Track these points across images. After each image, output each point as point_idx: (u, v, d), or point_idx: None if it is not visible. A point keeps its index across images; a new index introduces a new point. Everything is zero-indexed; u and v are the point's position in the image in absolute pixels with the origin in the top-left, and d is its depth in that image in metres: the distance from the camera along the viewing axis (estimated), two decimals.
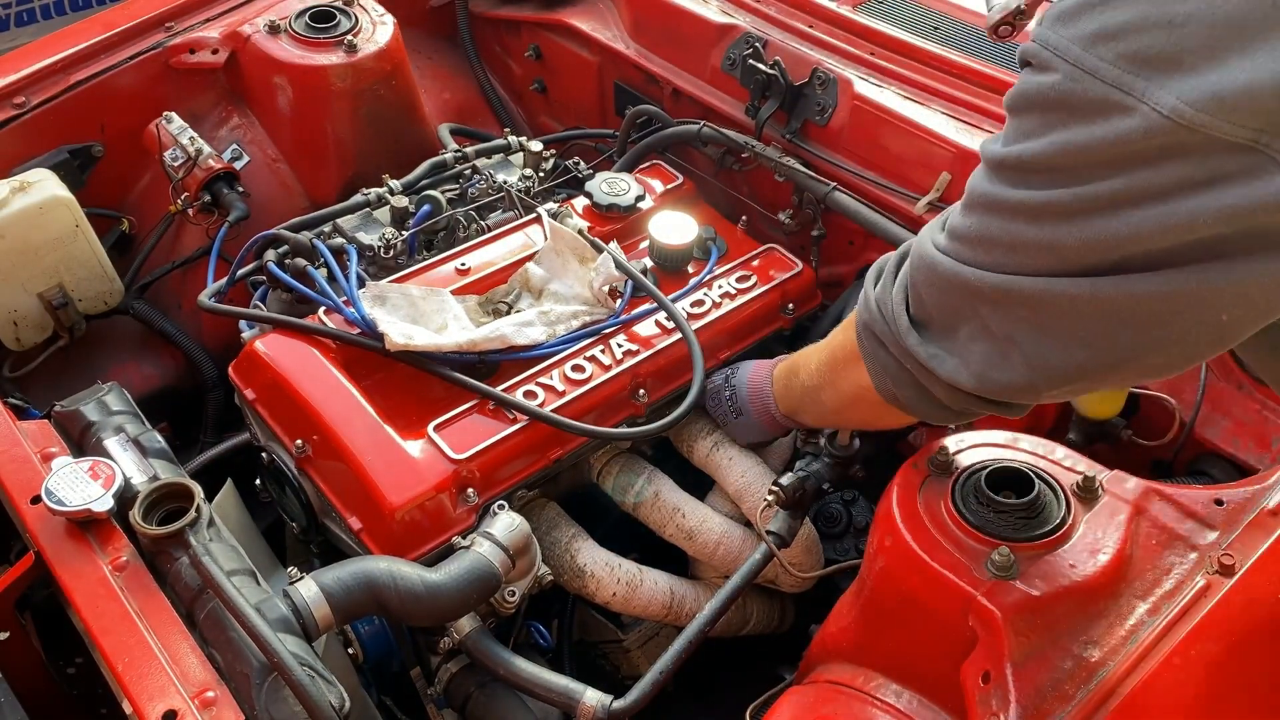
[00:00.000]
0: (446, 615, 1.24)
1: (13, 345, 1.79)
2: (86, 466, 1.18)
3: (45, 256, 1.74)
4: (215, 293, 1.60)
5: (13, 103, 1.84)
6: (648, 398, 1.49)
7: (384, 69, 1.95)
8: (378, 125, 1.98)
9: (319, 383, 1.40)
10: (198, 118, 1.98)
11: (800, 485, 1.36)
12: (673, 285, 1.61)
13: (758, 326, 1.63)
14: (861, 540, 1.61)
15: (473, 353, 1.44)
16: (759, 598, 1.59)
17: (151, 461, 1.28)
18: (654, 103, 1.98)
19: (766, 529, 1.36)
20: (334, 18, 1.95)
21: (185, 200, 1.86)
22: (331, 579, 1.19)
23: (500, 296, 1.58)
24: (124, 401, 1.39)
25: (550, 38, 2.22)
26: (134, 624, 1.07)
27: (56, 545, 1.15)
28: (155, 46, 1.96)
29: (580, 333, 1.51)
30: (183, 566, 1.13)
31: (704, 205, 1.80)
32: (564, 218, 1.68)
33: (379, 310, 1.45)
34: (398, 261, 1.64)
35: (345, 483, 1.35)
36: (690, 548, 1.48)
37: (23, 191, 1.71)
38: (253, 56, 1.95)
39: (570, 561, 1.43)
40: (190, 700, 1.01)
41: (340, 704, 1.06)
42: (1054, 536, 1.02)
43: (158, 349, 1.97)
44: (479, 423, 1.39)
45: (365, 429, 1.35)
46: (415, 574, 1.21)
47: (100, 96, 1.91)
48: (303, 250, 1.60)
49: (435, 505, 1.31)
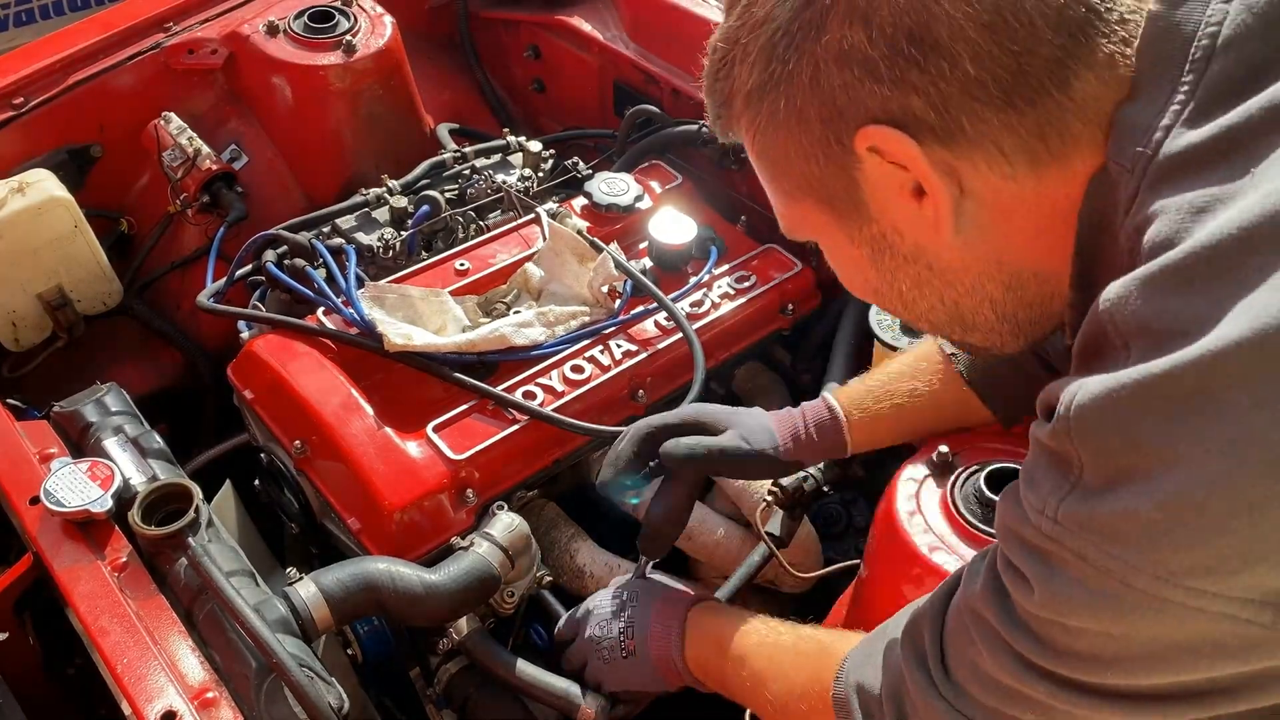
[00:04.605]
0: (445, 616, 1.24)
1: (12, 346, 1.79)
2: (85, 467, 1.18)
3: (44, 257, 1.74)
4: (214, 293, 1.60)
5: (11, 103, 1.83)
6: (647, 398, 1.49)
7: (383, 69, 1.94)
8: (376, 125, 1.97)
9: (318, 383, 1.39)
10: (196, 118, 1.98)
11: (800, 486, 1.36)
12: (672, 285, 1.61)
13: (757, 326, 1.63)
14: (861, 540, 1.61)
15: (472, 353, 1.44)
16: (758, 598, 1.59)
17: (150, 462, 1.28)
18: (654, 103, 1.98)
19: (765, 529, 1.36)
20: (333, 18, 1.95)
21: (184, 201, 1.85)
22: (330, 580, 1.18)
23: (499, 297, 1.58)
24: (123, 402, 1.39)
25: (549, 38, 2.22)
26: (133, 625, 1.07)
27: (55, 546, 1.15)
28: (154, 47, 1.96)
29: (579, 333, 1.51)
30: (182, 567, 1.13)
31: (703, 205, 1.80)
32: (563, 218, 1.68)
33: (378, 310, 1.45)
34: (396, 262, 1.64)
35: (344, 483, 1.34)
36: (689, 548, 1.48)
37: (21, 192, 1.70)
38: (251, 57, 1.95)
39: (570, 562, 1.43)
40: (189, 701, 1.01)
41: (339, 704, 1.06)
42: None
43: (157, 349, 1.97)
44: (478, 423, 1.39)
45: (364, 429, 1.34)
46: (414, 575, 1.21)
47: (99, 97, 1.91)
48: (301, 250, 1.60)
49: (434, 506, 1.31)
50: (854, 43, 0.68)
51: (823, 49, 0.69)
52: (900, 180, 0.72)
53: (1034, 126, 0.68)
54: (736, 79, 0.77)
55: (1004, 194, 0.71)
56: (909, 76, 0.67)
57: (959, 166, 0.70)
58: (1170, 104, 0.65)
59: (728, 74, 0.78)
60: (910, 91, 0.68)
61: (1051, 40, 0.65)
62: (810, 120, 0.73)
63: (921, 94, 0.67)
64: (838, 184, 0.75)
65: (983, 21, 0.65)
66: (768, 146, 0.78)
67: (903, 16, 0.66)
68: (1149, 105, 0.66)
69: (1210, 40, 0.64)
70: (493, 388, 1.41)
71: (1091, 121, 0.68)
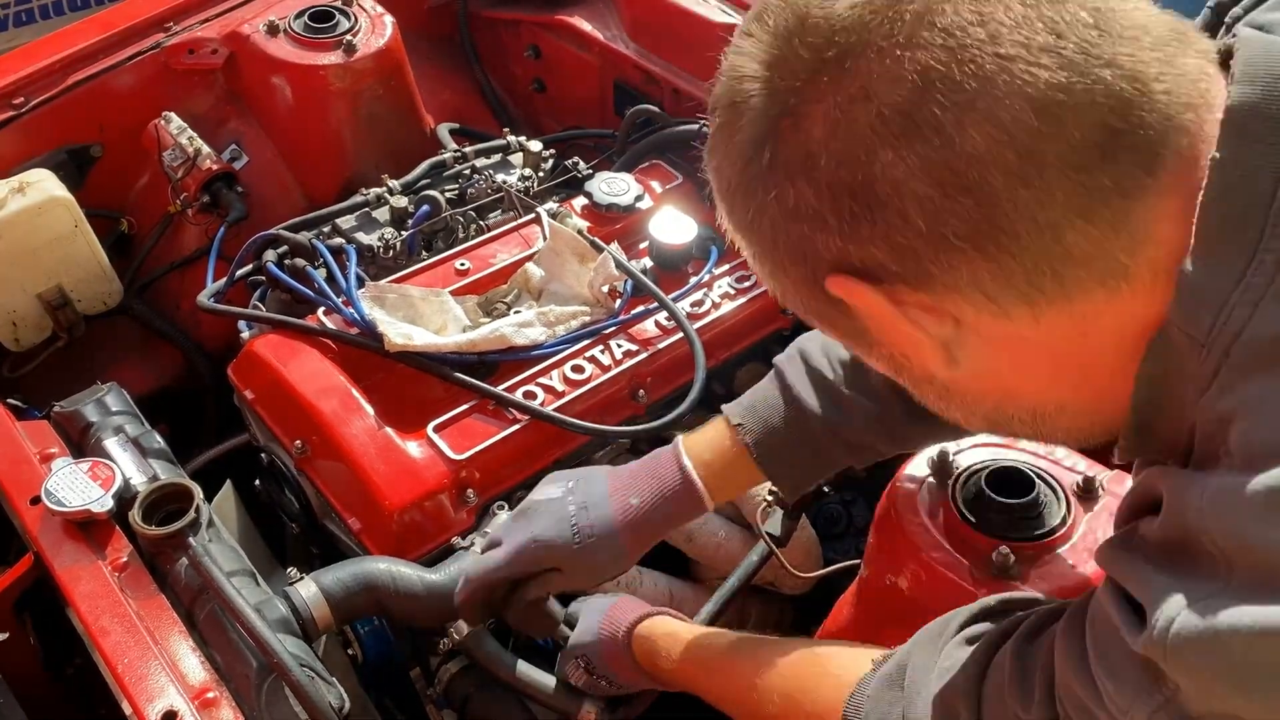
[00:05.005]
0: (446, 616, 1.24)
1: (12, 346, 1.79)
2: (86, 467, 1.18)
3: (44, 257, 1.74)
4: (214, 293, 1.60)
5: (11, 103, 1.83)
6: (648, 398, 1.49)
7: (383, 69, 1.94)
8: (377, 125, 1.97)
9: (318, 383, 1.39)
10: (196, 118, 1.98)
11: None
12: (672, 285, 1.60)
13: (758, 326, 1.63)
14: (861, 540, 1.60)
15: (472, 353, 1.44)
16: (758, 599, 1.59)
17: (151, 462, 1.28)
18: (654, 102, 1.98)
19: (765, 529, 1.36)
20: (333, 18, 1.95)
21: (184, 200, 1.85)
22: (331, 580, 1.19)
23: (500, 297, 1.58)
24: (123, 402, 1.39)
25: (550, 37, 2.22)
26: (133, 625, 1.07)
27: (56, 546, 1.15)
28: (154, 47, 1.96)
29: (580, 333, 1.51)
30: (182, 567, 1.13)
31: (704, 205, 1.80)
32: (563, 218, 1.68)
33: (378, 310, 1.45)
34: (397, 262, 1.64)
35: (344, 483, 1.34)
36: (690, 549, 1.48)
37: (21, 192, 1.70)
38: (251, 57, 1.95)
39: None
40: (190, 701, 1.01)
41: (340, 704, 1.06)
42: (1054, 536, 1.02)
43: (157, 349, 1.97)
44: (479, 423, 1.39)
45: (364, 429, 1.34)
46: (415, 575, 1.21)
47: (99, 97, 1.91)
48: (302, 250, 1.60)
49: (435, 506, 1.31)
50: (800, 198, 0.64)
51: (773, 203, 0.66)
52: (891, 314, 0.67)
53: (1018, 271, 0.61)
54: (724, 213, 0.73)
55: (1002, 331, 0.65)
56: (859, 230, 0.63)
57: (945, 306, 0.65)
58: (1253, 273, 0.57)
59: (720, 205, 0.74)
60: (866, 242, 0.63)
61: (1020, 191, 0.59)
62: (786, 265, 0.70)
63: (878, 245, 0.63)
64: (835, 316, 0.71)
65: (931, 175, 0.59)
66: (768, 276, 0.74)
67: (841, 170, 0.62)
68: (1222, 271, 0.58)
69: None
70: (493, 388, 1.41)
71: (1098, 269, 0.61)
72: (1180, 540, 0.58)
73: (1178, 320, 0.60)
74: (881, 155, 0.60)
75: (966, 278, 0.62)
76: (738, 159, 0.68)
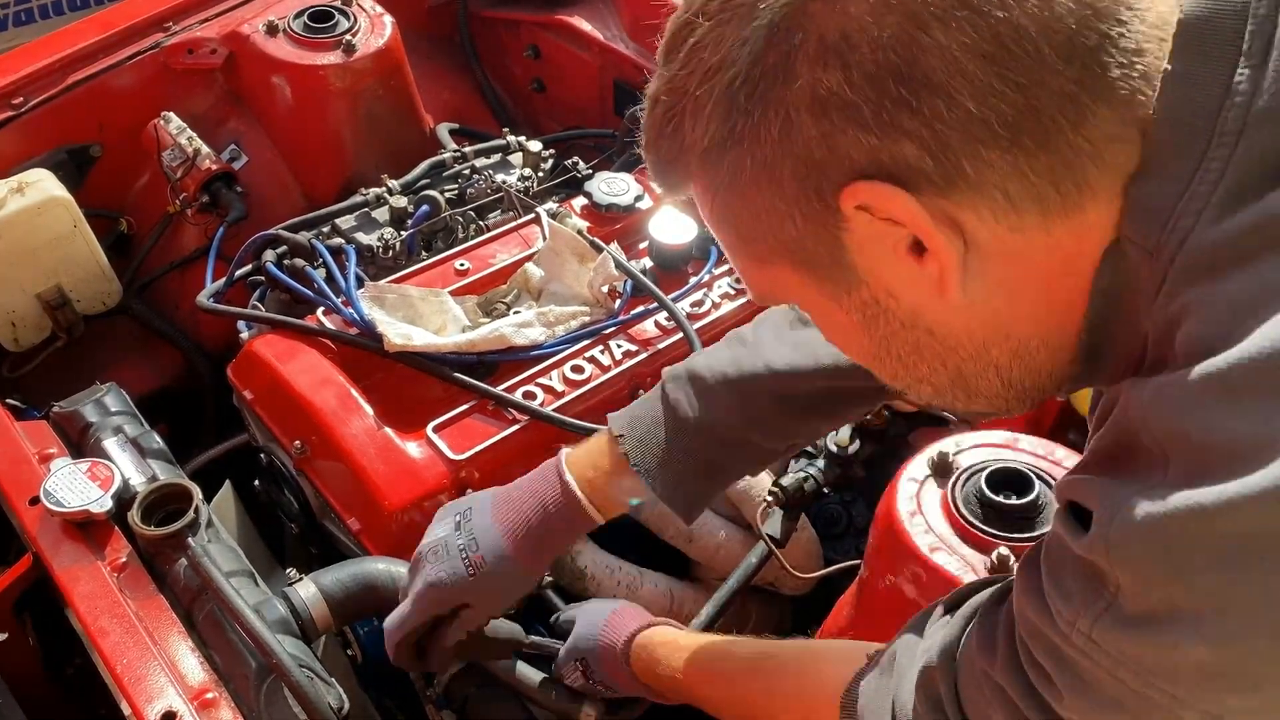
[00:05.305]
0: None
1: (11, 346, 1.79)
2: (85, 467, 1.18)
3: (43, 257, 1.74)
4: (214, 293, 1.60)
5: (10, 103, 1.83)
6: None
7: (382, 69, 1.94)
8: (376, 125, 1.97)
9: (317, 383, 1.39)
10: (196, 118, 1.98)
11: (800, 486, 1.36)
12: (672, 285, 1.60)
13: None
14: (861, 540, 1.61)
15: (472, 353, 1.44)
16: (758, 600, 1.59)
17: (150, 462, 1.28)
18: None
19: (764, 530, 1.36)
20: (332, 18, 1.95)
21: (184, 200, 1.85)
22: (330, 580, 1.18)
23: (499, 297, 1.58)
24: (122, 402, 1.39)
25: (549, 37, 2.22)
26: (133, 625, 1.07)
27: (55, 546, 1.15)
28: (153, 46, 1.96)
29: (579, 333, 1.50)
30: (181, 568, 1.14)
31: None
32: (563, 218, 1.68)
33: (377, 310, 1.45)
34: (396, 262, 1.63)
35: (344, 483, 1.34)
36: (691, 550, 1.48)
37: (21, 192, 1.70)
38: (251, 56, 1.95)
39: (570, 563, 1.42)
40: (189, 701, 1.01)
41: (339, 705, 1.06)
42: None
43: (156, 349, 1.97)
44: (478, 423, 1.39)
45: (364, 429, 1.34)
46: None
47: (98, 97, 1.91)
48: (301, 250, 1.60)
49: (434, 506, 1.31)
50: (830, 87, 0.59)
51: (794, 96, 0.60)
52: (895, 238, 0.63)
53: (1045, 169, 0.59)
54: (687, 135, 0.67)
55: (1010, 247, 0.63)
56: (899, 120, 0.59)
57: (961, 218, 0.62)
58: (1197, 183, 0.58)
59: (675, 129, 0.68)
60: (901, 137, 0.59)
61: (1062, 71, 0.57)
62: (783, 179, 0.63)
63: (915, 139, 0.59)
64: (819, 246, 0.66)
65: (982, 51, 0.56)
66: (730, 209, 0.69)
67: (886, 52, 0.57)
68: (1170, 183, 0.59)
69: (1241, 111, 0.57)
70: (493, 388, 1.41)
71: (1109, 168, 0.60)
72: (1125, 443, 0.59)
73: (1128, 232, 0.61)
74: (933, 31, 0.57)
75: (996, 177, 0.60)
76: (745, 54, 0.61)
